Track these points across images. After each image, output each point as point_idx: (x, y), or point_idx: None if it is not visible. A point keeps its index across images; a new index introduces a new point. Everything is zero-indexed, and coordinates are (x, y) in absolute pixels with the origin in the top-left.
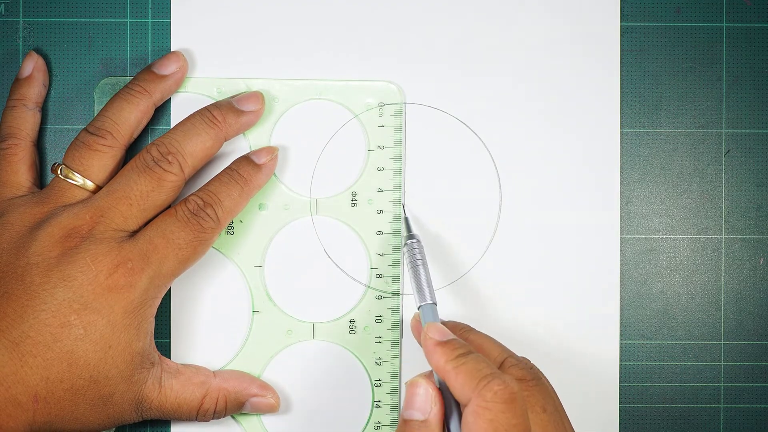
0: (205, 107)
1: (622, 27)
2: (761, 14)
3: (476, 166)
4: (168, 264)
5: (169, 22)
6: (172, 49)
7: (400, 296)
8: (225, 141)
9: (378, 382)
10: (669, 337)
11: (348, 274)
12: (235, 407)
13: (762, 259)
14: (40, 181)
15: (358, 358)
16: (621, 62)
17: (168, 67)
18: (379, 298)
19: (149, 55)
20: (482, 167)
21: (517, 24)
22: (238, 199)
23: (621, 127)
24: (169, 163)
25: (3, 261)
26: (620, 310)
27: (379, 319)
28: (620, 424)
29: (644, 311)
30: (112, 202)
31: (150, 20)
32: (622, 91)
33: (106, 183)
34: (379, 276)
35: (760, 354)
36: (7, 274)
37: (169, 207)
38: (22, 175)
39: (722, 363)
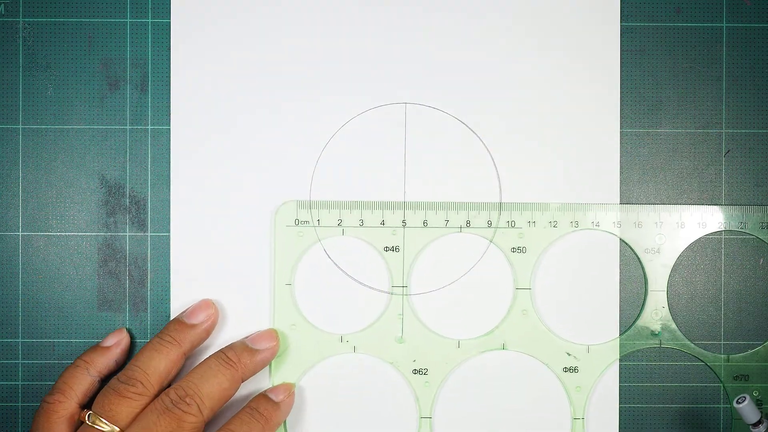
0: (221, 350)
1: (622, 27)
2: (761, 14)
3: (476, 166)
4: None
5: (169, 22)
6: (173, 48)
7: (401, 296)
8: (242, 381)
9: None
10: (669, 337)
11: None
12: None
13: (762, 259)
14: None
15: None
16: (621, 62)
17: (197, 317)
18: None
19: (149, 55)
20: (482, 167)
21: (517, 24)
22: None
23: (621, 127)
24: (188, 404)
25: None
26: (620, 310)
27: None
28: (620, 424)
29: (644, 311)
30: None
31: (150, 20)
32: (622, 91)
33: None
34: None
35: (760, 354)
36: None
37: None
38: (59, 429)
39: (722, 363)
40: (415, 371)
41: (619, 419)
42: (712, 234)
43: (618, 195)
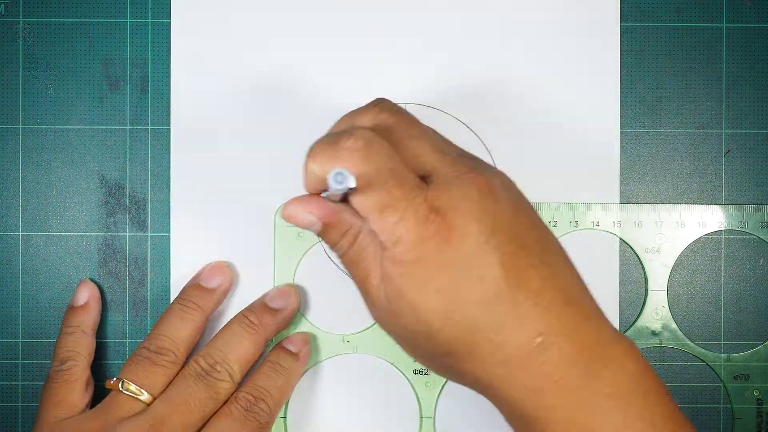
0: (241, 312)
1: (622, 27)
2: (761, 14)
3: None
4: None
5: (169, 22)
6: (173, 48)
7: None
8: (266, 342)
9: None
10: (669, 337)
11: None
12: None
13: (762, 259)
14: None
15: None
16: (621, 62)
17: (214, 280)
18: None
19: (149, 55)
20: None
21: (517, 24)
22: (285, 389)
23: (621, 127)
24: (219, 372)
25: None
26: (620, 310)
27: None
28: None
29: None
30: (171, 409)
31: (150, 20)
32: (622, 91)
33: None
34: None
35: (760, 354)
36: None
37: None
38: (77, 394)
39: (722, 363)
40: (416, 371)
41: None
42: (712, 234)
43: (618, 195)
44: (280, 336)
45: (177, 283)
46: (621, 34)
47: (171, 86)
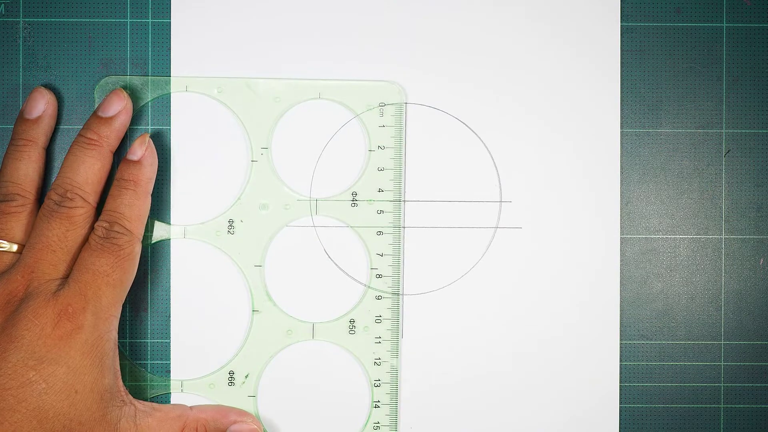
0: (79, 132)
1: (622, 27)
2: (761, 14)
3: (476, 166)
4: (105, 294)
5: (169, 22)
6: (173, 48)
7: (400, 296)
8: (112, 153)
9: (377, 383)
10: (669, 337)
11: (348, 274)
12: None
13: (762, 259)
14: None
15: (357, 358)
16: (621, 62)
17: (36, 109)
18: (378, 298)
19: (149, 55)
20: (482, 167)
21: (517, 24)
22: (137, 203)
23: (621, 128)
24: (70, 199)
25: None
26: (620, 310)
27: (378, 320)
28: (620, 424)
29: (644, 311)
30: (37, 255)
31: (150, 20)
32: (622, 92)
33: None
34: (379, 276)
35: (760, 354)
36: None
37: None
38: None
39: (722, 363)
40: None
41: (619, 419)
42: (712, 234)
43: (618, 195)
44: None
45: (177, 283)
46: (621, 34)
47: (171, 87)
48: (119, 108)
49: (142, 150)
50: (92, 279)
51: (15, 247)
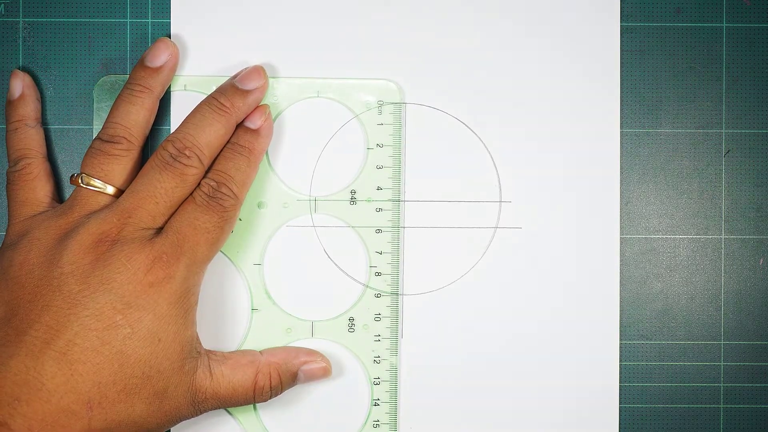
0: (211, 95)
1: (622, 27)
2: (761, 14)
3: (476, 166)
4: (200, 249)
5: (169, 22)
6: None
7: (399, 295)
8: (236, 124)
9: (377, 380)
10: (669, 337)
11: (347, 273)
12: (289, 379)
13: (762, 259)
14: (58, 194)
15: (356, 356)
16: (621, 62)
17: (160, 58)
18: (378, 296)
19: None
20: (482, 167)
21: (517, 24)
22: (248, 170)
23: (621, 128)
24: (188, 157)
25: (36, 276)
26: (620, 310)
27: (378, 318)
28: (620, 424)
29: (644, 311)
30: (138, 202)
31: (150, 20)
32: (622, 92)
33: (127, 186)
34: (378, 274)
35: (760, 354)
36: (43, 287)
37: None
38: (39, 191)
39: (722, 363)
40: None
41: (619, 419)
42: (712, 234)
43: (618, 195)
44: None
45: None
46: (621, 34)
47: (171, 86)
48: (257, 85)
49: (261, 120)
50: (192, 233)
51: (110, 189)
